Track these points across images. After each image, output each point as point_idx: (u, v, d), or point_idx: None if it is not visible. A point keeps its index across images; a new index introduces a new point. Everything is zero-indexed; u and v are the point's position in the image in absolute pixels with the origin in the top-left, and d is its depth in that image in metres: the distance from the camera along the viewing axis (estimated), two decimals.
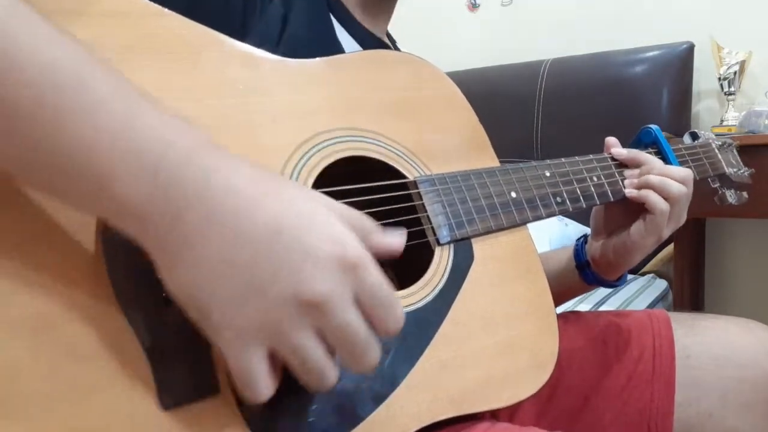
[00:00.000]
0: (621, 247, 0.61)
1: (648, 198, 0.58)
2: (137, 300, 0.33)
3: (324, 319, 0.31)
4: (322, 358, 0.32)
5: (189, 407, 0.34)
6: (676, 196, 0.58)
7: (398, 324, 0.33)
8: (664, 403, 0.58)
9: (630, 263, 0.62)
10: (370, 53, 0.53)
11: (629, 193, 0.60)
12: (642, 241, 0.60)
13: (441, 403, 0.42)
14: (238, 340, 0.31)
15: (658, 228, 0.59)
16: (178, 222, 0.30)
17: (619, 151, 0.63)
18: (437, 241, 0.48)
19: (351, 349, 0.32)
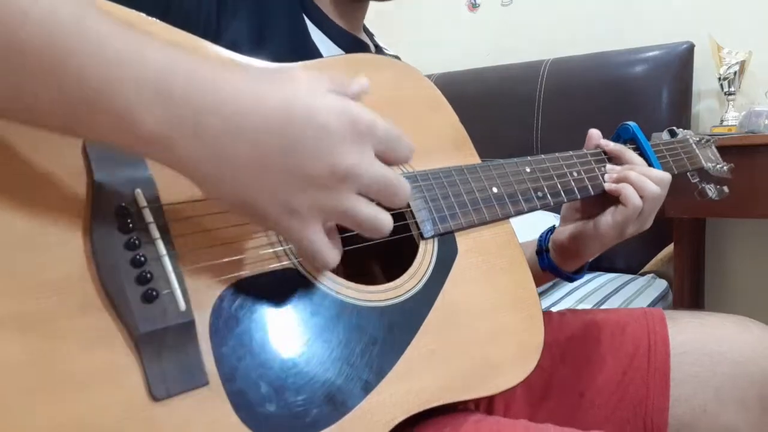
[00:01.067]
0: (579, 235, 0.63)
1: (624, 191, 0.60)
2: (126, 292, 0.34)
3: (360, 180, 0.35)
4: (371, 209, 0.36)
5: (180, 397, 0.34)
6: (651, 194, 0.60)
7: (411, 148, 0.39)
8: (659, 398, 0.58)
9: (585, 253, 0.64)
10: (350, 57, 0.54)
11: (608, 186, 0.62)
12: (605, 232, 0.61)
13: (429, 391, 0.43)
14: (295, 223, 0.35)
15: (625, 223, 0.60)
16: (201, 135, 0.32)
17: (606, 142, 0.65)
18: (421, 236, 0.49)
19: (387, 191, 0.37)
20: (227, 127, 0.32)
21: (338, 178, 0.34)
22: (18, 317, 0.31)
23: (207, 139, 0.32)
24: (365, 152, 0.35)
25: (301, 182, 0.34)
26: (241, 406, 0.35)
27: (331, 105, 0.35)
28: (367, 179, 0.35)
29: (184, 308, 0.35)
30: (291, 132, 0.33)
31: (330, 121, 0.34)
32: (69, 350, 0.32)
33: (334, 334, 0.41)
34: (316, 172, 0.34)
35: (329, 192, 0.34)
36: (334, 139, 0.34)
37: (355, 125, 0.35)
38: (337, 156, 0.34)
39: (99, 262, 0.34)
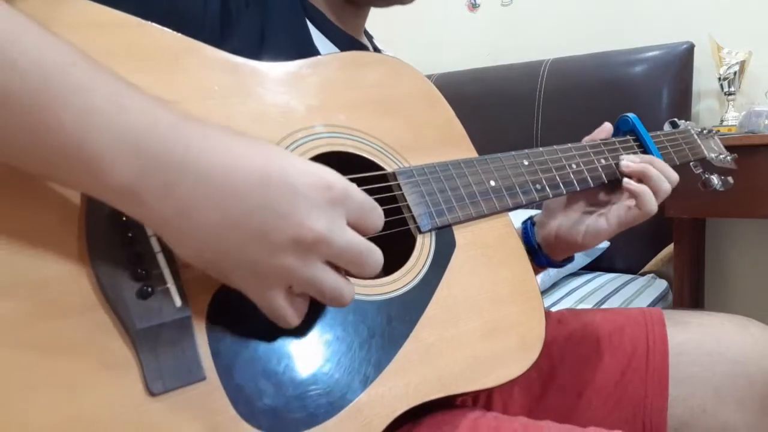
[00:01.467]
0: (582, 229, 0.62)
1: (643, 197, 0.59)
2: (122, 290, 0.34)
3: (328, 250, 0.35)
4: (336, 280, 0.36)
5: (177, 393, 0.34)
6: (664, 195, 0.60)
7: (380, 220, 0.38)
8: (657, 398, 0.58)
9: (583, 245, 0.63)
10: (347, 54, 0.54)
11: (627, 185, 0.60)
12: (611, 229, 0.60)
13: (429, 384, 0.43)
14: (260, 286, 0.35)
15: (634, 222, 0.60)
16: (171, 192, 0.32)
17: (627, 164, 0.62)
18: (418, 229, 0.49)
19: (357, 262, 0.36)
20: (197, 187, 0.32)
21: (307, 243, 0.34)
22: (15, 315, 0.31)
23: (175, 198, 0.32)
24: (336, 220, 0.35)
25: (269, 245, 0.33)
26: (239, 400, 0.35)
27: (306, 169, 0.34)
28: (336, 248, 0.35)
29: (180, 304, 0.35)
30: (263, 194, 0.33)
31: (303, 184, 0.34)
32: (66, 347, 0.32)
33: (333, 329, 0.41)
34: (285, 235, 0.33)
35: (294, 259, 0.34)
36: (305, 204, 0.33)
37: (329, 191, 0.34)
38: (307, 222, 0.33)
39: (94, 259, 0.34)
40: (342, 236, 0.35)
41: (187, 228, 0.32)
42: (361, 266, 0.36)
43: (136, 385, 0.33)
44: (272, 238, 0.33)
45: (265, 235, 0.33)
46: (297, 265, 0.34)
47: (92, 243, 0.34)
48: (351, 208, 0.36)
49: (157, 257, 0.35)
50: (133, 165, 0.31)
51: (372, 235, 0.37)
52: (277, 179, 0.33)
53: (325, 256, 0.35)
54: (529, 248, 0.66)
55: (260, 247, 0.33)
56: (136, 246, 0.35)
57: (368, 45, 0.68)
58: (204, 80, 0.43)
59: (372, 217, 0.37)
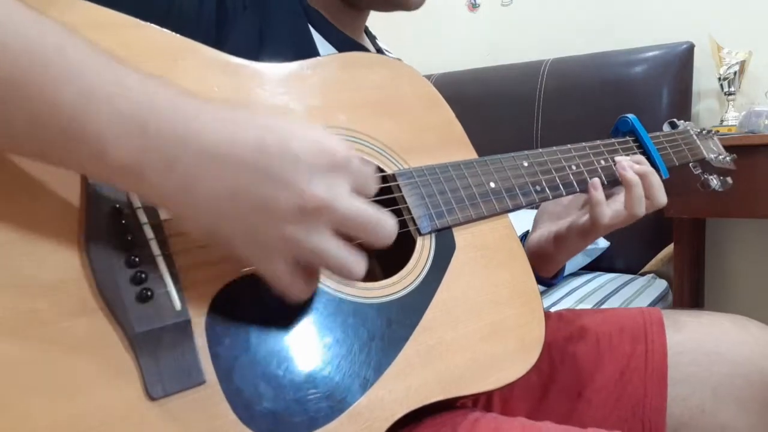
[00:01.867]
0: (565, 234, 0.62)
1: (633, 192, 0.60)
2: (121, 293, 0.34)
3: (332, 216, 0.34)
4: (342, 251, 0.35)
5: (177, 397, 0.34)
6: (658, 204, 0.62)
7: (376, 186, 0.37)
8: (656, 398, 0.58)
9: (567, 252, 0.64)
10: (347, 55, 0.54)
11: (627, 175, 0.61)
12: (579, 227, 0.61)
13: (428, 387, 0.43)
14: (264, 257, 0.34)
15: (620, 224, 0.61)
16: (174, 166, 0.31)
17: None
18: (418, 231, 0.49)
19: (366, 228, 0.35)
20: (199, 160, 0.32)
21: (309, 210, 0.33)
22: (14, 319, 0.31)
23: (178, 172, 0.32)
24: (340, 185, 0.34)
25: (271, 214, 0.33)
26: (238, 404, 0.35)
27: (306, 135, 0.34)
28: (341, 214, 0.34)
29: (179, 308, 0.35)
30: (263, 163, 0.32)
31: (303, 151, 0.33)
32: (65, 351, 0.32)
33: (332, 332, 0.41)
34: (287, 204, 0.33)
35: (299, 226, 0.33)
36: (306, 170, 0.33)
37: (330, 158, 0.34)
38: (308, 188, 0.33)
39: (94, 263, 0.34)
40: (346, 202, 0.34)
41: (190, 202, 0.32)
42: (371, 233, 0.35)
43: (136, 389, 0.33)
44: (274, 207, 0.33)
45: (267, 203, 0.33)
46: (301, 234, 0.33)
47: (91, 246, 0.34)
48: (353, 174, 0.35)
49: (156, 260, 0.35)
50: (135, 142, 0.31)
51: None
52: (276, 147, 0.33)
53: (329, 223, 0.34)
54: None
55: (263, 217, 0.33)
56: (135, 249, 0.35)
57: (369, 46, 0.68)
58: (203, 82, 0.43)
59: (369, 184, 0.36)
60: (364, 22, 0.67)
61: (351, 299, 0.43)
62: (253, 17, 0.53)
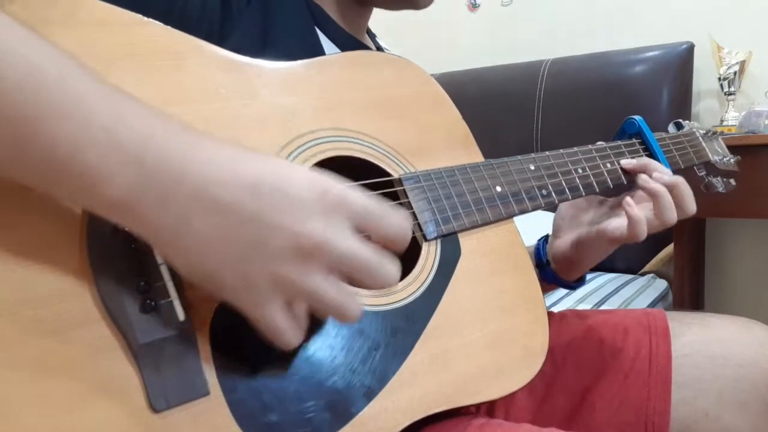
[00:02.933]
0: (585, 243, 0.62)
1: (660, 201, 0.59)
2: (124, 303, 0.33)
3: (329, 256, 0.33)
4: (339, 293, 0.34)
5: (180, 408, 0.34)
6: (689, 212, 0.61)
7: (399, 227, 0.35)
8: (660, 401, 0.58)
9: (590, 261, 0.63)
10: (352, 54, 0.53)
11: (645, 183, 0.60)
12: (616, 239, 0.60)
13: (433, 397, 0.42)
14: (256, 300, 0.33)
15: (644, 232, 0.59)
16: (168, 203, 0.31)
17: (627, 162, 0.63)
18: (424, 237, 0.48)
19: (365, 270, 0.34)
20: (192, 200, 0.31)
21: (303, 252, 0.32)
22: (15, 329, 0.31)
23: (171, 210, 0.31)
24: (336, 225, 0.33)
25: (264, 255, 0.32)
26: (242, 416, 0.35)
27: (302, 176, 0.33)
28: (336, 254, 0.33)
29: (183, 318, 0.35)
30: (257, 202, 0.32)
31: (299, 190, 0.32)
32: (67, 362, 0.32)
33: (336, 340, 0.40)
34: (280, 243, 0.32)
35: (293, 268, 0.32)
36: (301, 210, 0.32)
37: (326, 195, 0.33)
38: (301, 228, 0.32)
39: (96, 272, 0.34)
40: (342, 241, 0.33)
41: (183, 240, 0.32)
42: (370, 275, 0.34)
43: (139, 401, 0.33)
44: (268, 249, 0.32)
45: (261, 246, 0.32)
46: (296, 276, 0.32)
47: (94, 256, 0.34)
48: (352, 213, 0.34)
49: (160, 269, 0.35)
50: (130, 178, 0.30)
51: (398, 247, 0.35)
52: (269, 188, 0.32)
53: (326, 264, 0.33)
54: (538, 263, 0.66)
55: (257, 259, 0.32)
56: (138, 258, 0.35)
57: (371, 45, 0.67)
58: (208, 81, 0.42)
59: (382, 224, 0.34)
60: (367, 20, 0.66)
61: None
62: (257, 14, 0.53)
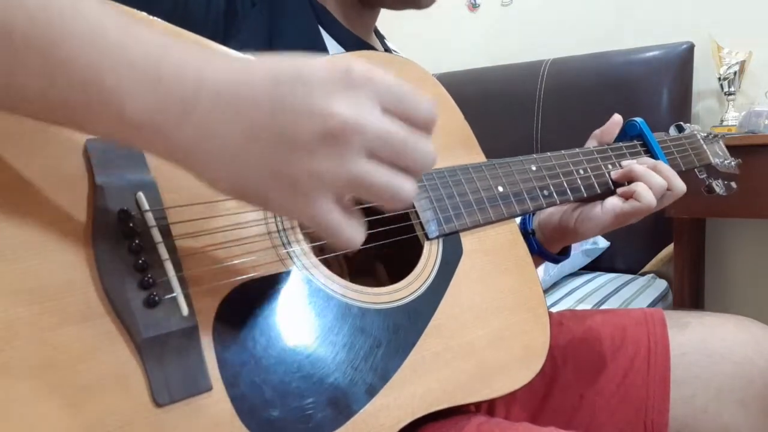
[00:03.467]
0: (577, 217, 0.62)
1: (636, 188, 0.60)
2: (128, 298, 0.34)
3: (363, 137, 0.30)
4: (385, 173, 0.31)
5: (183, 403, 0.34)
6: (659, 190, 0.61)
7: (429, 108, 0.32)
8: (659, 399, 0.58)
9: (579, 235, 0.63)
10: (356, 54, 0.53)
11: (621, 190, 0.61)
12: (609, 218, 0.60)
13: (434, 394, 0.43)
14: (303, 201, 0.31)
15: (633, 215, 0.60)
16: (190, 117, 0.30)
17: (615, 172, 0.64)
18: (426, 236, 0.49)
19: (403, 149, 0.31)
20: (214, 104, 0.30)
21: (335, 135, 0.30)
22: (19, 323, 0.31)
23: (195, 119, 0.30)
24: (364, 104, 0.30)
25: (296, 148, 0.30)
26: (244, 411, 0.35)
27: (321, 60, 0.31)
28: (371, 134, 0.30)
29: (186, 313, 0.35)
30: (278, 93, 0.30)
31: (319, 73, 0.30)
32: (71, 356, 0.32)
33: (339, 337, 0.40)
34: (310, 131, 0.30)
35: (329, 156, 0.30)
36: (324, 91, 0.30)
37: (349, 74, 0.31)
38: (328, 110, 0.30)
39: (101, 266, 0.34)
40: (375, 120, 0.30)
41: (211, 151, 0.31)
42: (408, 154, 0.31)
43: (142, 395, 0.33)
44: (298, 140, 0.30)
45: (290, 138, 0.30)
46: (334, 165, 0.30)
47: (99, 250, 0.34)
48: (380, 91, 0.31)
49: (164, 264, 0.35)
50: (150, 94, 0.30)
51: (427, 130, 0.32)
52: (288, 77, 0.31)
53: (362, 145, 0.30)
54: (523, 233, 0.65)
55: (289, 154, 0.30)
56: (143, 253, 0.35)
57: (378, 46, 0.67)
58: None
59: (412, 103, 0.32)
60: (374, 21, 0.66)
61: (358, 304, 0.42)
62: (262, 15, 0.53)
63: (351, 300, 0.42)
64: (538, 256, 0.66)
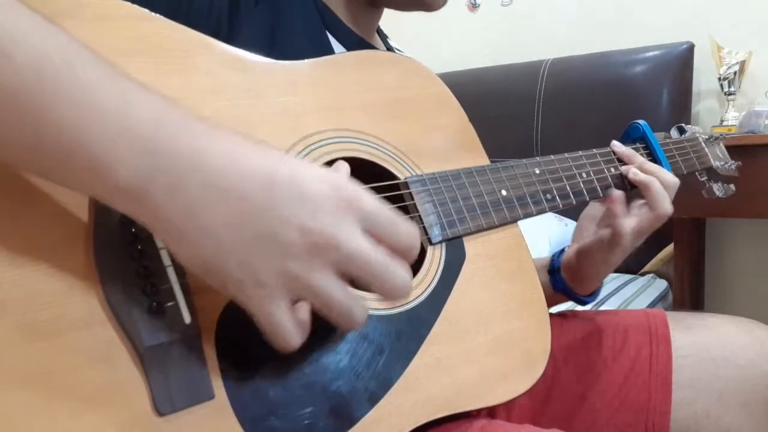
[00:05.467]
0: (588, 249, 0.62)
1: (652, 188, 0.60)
2: (130, 305, 0.33)
3: (337, 253, 0.32)
4: (345, 295, 0.33)
5: (185, 412, 0.34)
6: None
7: (409, 236, 0.34)
8: (661, 402, 0.58)
9: (593, 271, 0.62)
10: (360, 54, 0.53)
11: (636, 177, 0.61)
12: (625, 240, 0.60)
13: (436, 402, 0.42)
14: (261, 295, 0.32)
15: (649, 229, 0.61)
16: (178, 193, 0.31)
17: (617, 145, 0.64)
18: (429, 241, 0.48)
19: (375, 273, 0.33)
20: (205, 188, 0.31)
21: (313, 247, 0.32)
22: (19, 331, 0.31)
23: (183, 199, 0.31)
24: (346, 224, 0.32)
25: (272, 248, 0.31)
26: (246, 419, 0.35)
27: (315, 174, 0.33)
28: (345, 254, 0.32)
29: (189, 321, 0.35)
30: (270, 196, 0.32)
31: (312, 187, 0.32)
32: (72, 364, 0.31)
33: (341, 344, 0.40)
34: (290, 237, 0.31)
35: (301, 263, 0.32)
36: (314, 205, 0.32)
37: (338, 194, 0.32)
38: (315, 223, 0.32)
39: (102, 273, 0.33)
40: (352, 240, 0.32)
41: (192, 230, 0.31)
42: (380, 278, 0.33)
43: (144, 404, 0.33)
44: (277, 242, 0.31)
45: (270, 238, 0.31)
46: (303, 272, 0.32)
47: (100, 257, 0.34)
48: (364, 214, 0.33)
49: (167, 271, 0.35)
50: (140, 164, 0.30)
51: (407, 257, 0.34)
52: (282, 182, 0.32)
53: (335, 262, 0.32)
54: (550, 270, 0.66)
55: (265, 252, 0.32)
56: (145, 260, 0.35)
57: (381, 46, 0.67)
58: (216, 79, 0.42)
59: (393, 230, 0.34)
60: (377, 21, 0.66)
61: None
62: (265, 13, 0.52)
63: None
64: (561, 293, 0.66)
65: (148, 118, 0.30)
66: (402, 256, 0.34)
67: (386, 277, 0.33)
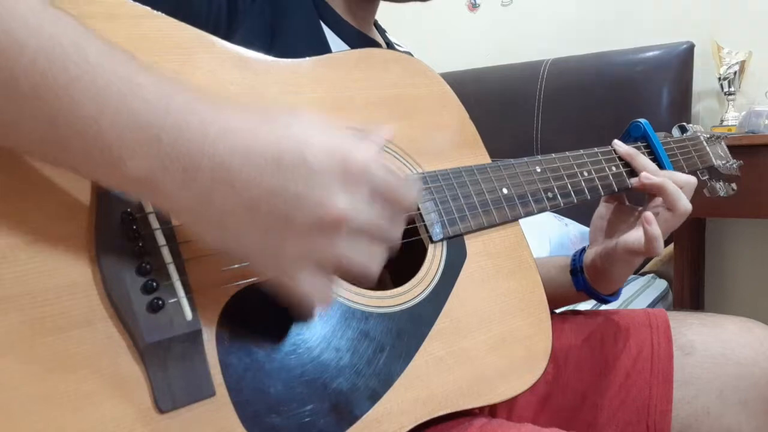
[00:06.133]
0: (610, 254, 0.62)
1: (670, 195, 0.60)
2: (131, 302, 0.33)
3: (351, 225, 0.33)
4: (365, 253, 0.35)
5: (186, 409, 0.34)
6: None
7: (413, 197, 0.36)
8: (662, 400, 0.58)
9: (618, 273, 0.63)
10: (361, 52, 0.53)
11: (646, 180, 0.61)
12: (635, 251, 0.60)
13: (437, 400, 0.42)
14: (286, 270, 0.34)
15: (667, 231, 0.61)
16: (191, 180, 0.31)
17: (618, 144, 0.65)
18: (430, 239, 0.48)
19: (381, 234, 0.35)
20: (216, 174, 0.31)
21: (327, 224, 0.32)
22: (20, 327, 0.31)
23: (196, 186, 0.31)
24: (358, 197, 0.33)
25: (289, 227, 0.32)
26: (247, 416, 0.35)
27: (324, 145, 0.33)
28: (358, 223, 0.33)
29: (190, 317, 0.34)
30: (279, 176, 0.32)
31: (320, 164, 0.32)
32: (72, 361, 0.32)
33: (342, 342, 0.40)
34: (305, 217, 0.32)
35: (319, 240, 0.33)
36: (324, 185, 0.32)
37: (347, 167, 0.33)
38: (326, 201, 0.32)
39: (103, 270, 0.33)
40: (364, 211, 0.33)
41: (208, 215, 0.32)
42: (385, 236, 0.35)
43: (145, 401, 0.33)
44: (293, 221, 0.32)
45: (286, 218, 0.32)
46: (322, 246, 0.33)
47: (101, 252, 0.34)
48: (374, 184, 0.34)
49: (168, 268, 0.35)
50: (150, 158, 0.30)
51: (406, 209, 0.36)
52: (291, 159, 0.32)
53: (349, 231, 0.33)
54: (572, 270, 0.66)
55: (282, 231, 0.32)
56: (146, 256, 0.35)
57: (379, 39, 0.67)
58: (218, 77, 0.42)
59: (398, 196, 0.35)
60: (374, 14, 0.66)
61: (362, 309, 0.42)
62: (263, 11, 0.53)
63: (354, 304, 0.42)
64: (584, 292, 0.66)
65: (153, 110, 0.30)
66: (403, 211, 0.36)
67: (390, 233, 0.36)
